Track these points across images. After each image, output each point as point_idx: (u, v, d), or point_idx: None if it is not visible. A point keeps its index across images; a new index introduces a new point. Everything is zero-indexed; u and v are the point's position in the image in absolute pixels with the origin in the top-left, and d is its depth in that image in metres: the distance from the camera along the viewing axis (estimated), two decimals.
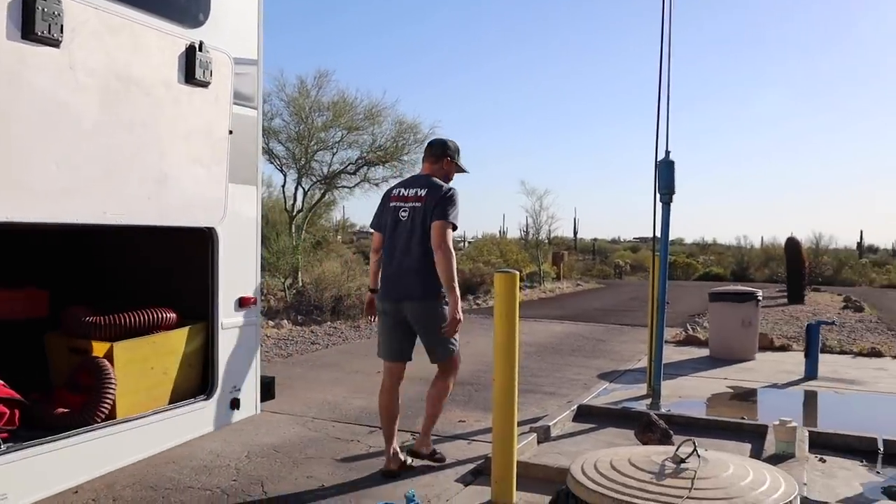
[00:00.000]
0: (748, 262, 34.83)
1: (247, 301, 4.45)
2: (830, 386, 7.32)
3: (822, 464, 4.63)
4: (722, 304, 9.05)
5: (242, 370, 4.44)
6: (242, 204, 4.52)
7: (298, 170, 16.84)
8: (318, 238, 20.12)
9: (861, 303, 17.04)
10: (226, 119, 4.13)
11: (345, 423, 5.62)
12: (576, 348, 9.98)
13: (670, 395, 6.67)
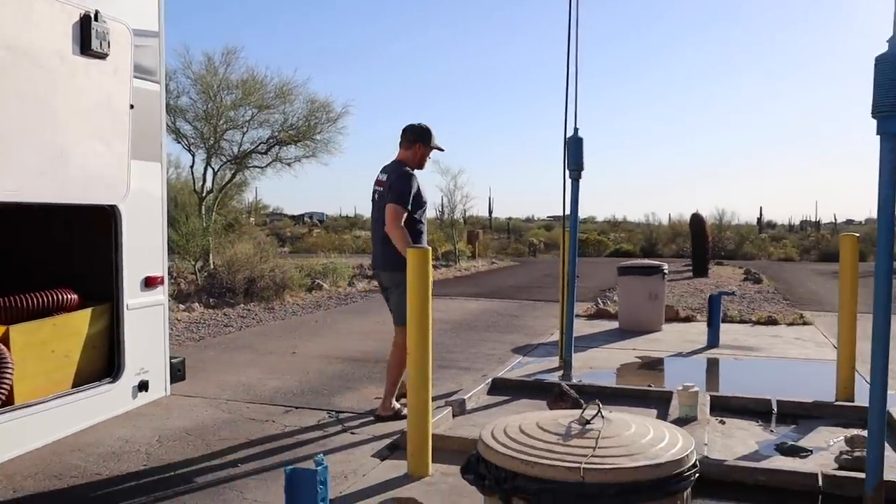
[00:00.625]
0: (656, 238, 36.06)
1: (153, 280, 4.34)
2: (730, 353, 7.71)
3: (722, 425, 4.89)
4: (630, 278, 9.36)
5: (150, 351, 4.34)
6: (146, 181, 4.39)
7: (207, 150, 16.38)
8: (230, 220, 19.66)
9: (760, 275, 17.96)
10: (126, 93, 3.99)
11: (259, 404, 5.57)
12: (490, 324, 10.15)
13: (581, 366, 6.89)
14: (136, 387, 4.28)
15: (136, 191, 4.17)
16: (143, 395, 4.32)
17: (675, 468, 2.23)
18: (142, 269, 4.28)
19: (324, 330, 9.53)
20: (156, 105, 4.51)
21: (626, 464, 2.17)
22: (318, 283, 14.72)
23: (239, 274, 12.52)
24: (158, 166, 4.57)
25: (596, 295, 13.78)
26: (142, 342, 4.24)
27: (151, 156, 4.48)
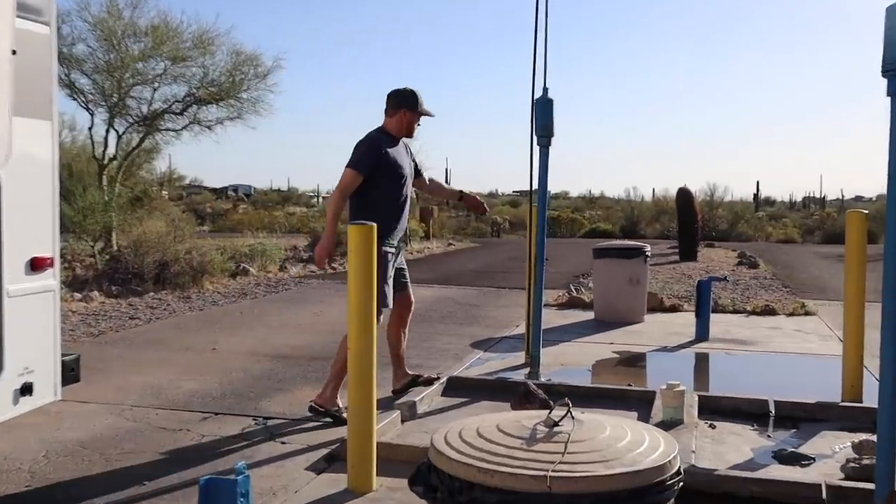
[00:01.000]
0: (638, 216, 36.52)
1: (41, 262, 4.22)
2: (722, 347, 7.85)
3: (712, 430, 4.97)
4: (607, 262, 9.45)
5: (36, 347, 4.22)
6: (33, 143, 4.26)
7: (110, 108, 16.03)
8: (138, 193, 19.30)
9: (756, 259, 18.32)
10: (7, 35, 3.85)
11: (171, 410, 5.49)
12: (446, 315, 10.16)
13: (551, 362, 6.94)
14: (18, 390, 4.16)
15: (20, 155, 4.03)
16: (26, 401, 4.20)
17: (656, 476, 2.24)
18: (26, 248, 4.16)
19: (250, 322, 9.43)
20: (45, 51, 4.36)
21: (599, 471, 2.18)
22: (244, 267, 14.57)
23: (148, 257, 12.31)
24: (48, 126, 4.43)
25: (568, 281, 13.90)
26: (26, 336, 4.12)
27: (39, 112, 4.34)
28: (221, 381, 6.37)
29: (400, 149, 5.45)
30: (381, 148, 5.29)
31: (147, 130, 16.89)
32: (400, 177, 5.37)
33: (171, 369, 6.79)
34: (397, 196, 5.37)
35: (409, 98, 5.42)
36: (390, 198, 5.34)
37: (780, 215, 41.52)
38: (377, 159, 5.25)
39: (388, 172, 5.30)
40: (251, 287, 12.95)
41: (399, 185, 5.37)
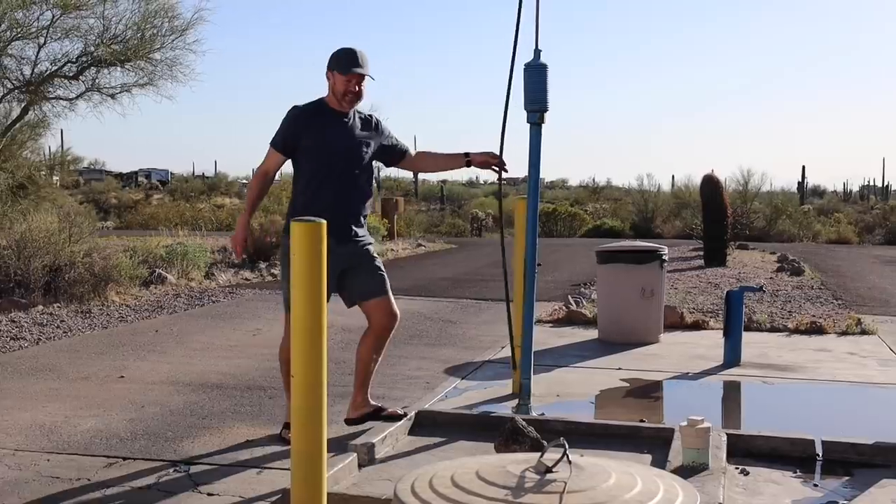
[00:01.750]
0: (653, 211, 36.76)
1: None
2: (757, 374, 7.93)
3: (744, 476, 5.02)
4: (614, 268, 9.50)
5: None
6: None
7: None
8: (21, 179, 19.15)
9: (800, 264, 18.48)
10: None
11: (67, 455, 5.47)
12: (415, 334, 10.19)
13: (545, 393, 6.99)
14: None
15: None
16: None
17: None
18: None
19: (168, 343, 9.40)
20: None
21: None
22: (160, 273, 14.51)
23: (35, 260, 12.23)
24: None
25: (566, 291, 13.97)
26: None
27: None
28: (131, 418, 6.35)
29: (338, 122, 5.58)
30: (300, 120, 5.55)
31: (31, 99, 16.75)
32: (327, 155, 5.52)
33: (67, 403, 6.75)
34: (322, 180, 5.52)
35: (336, 59, 5.56)
36: (313, 182, 5.55)
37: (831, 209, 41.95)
38: (295, 134, 5.55)
39: (311, 151, 5.54)
40: (169, 299, 12.90)
41: (324, 166, 5.51)
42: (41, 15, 16.08)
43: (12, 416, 6.37)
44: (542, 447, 4.93)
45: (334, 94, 5.57)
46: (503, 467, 2.58)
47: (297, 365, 3.93)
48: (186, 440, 5.82)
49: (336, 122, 5.56)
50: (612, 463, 2.68)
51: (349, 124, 5.62)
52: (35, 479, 5.05)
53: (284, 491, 4.40)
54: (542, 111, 6.25)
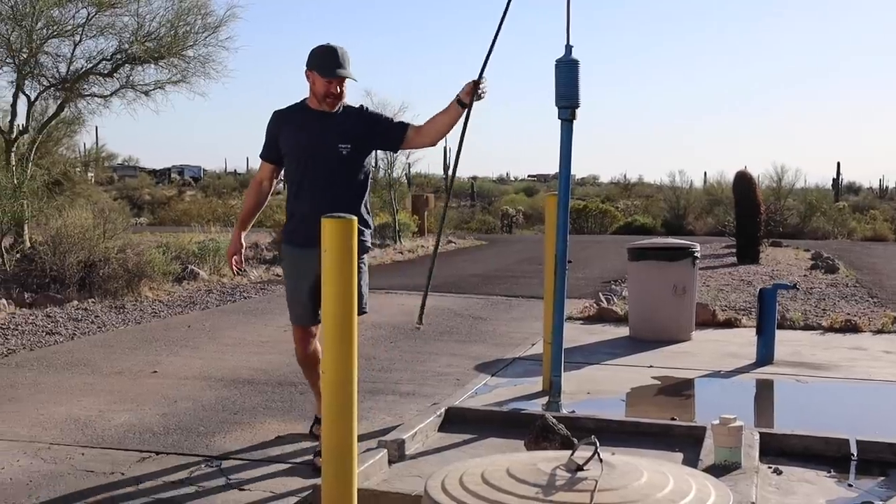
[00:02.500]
0: (685, 207, 36.62)
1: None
2: (790, 373, 7.88)
3: (777, 476, 4.99)
4: (646, 265, 9.47)
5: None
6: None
7: (18, 67, 16.03)
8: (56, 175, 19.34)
9: (835, 261, 18.35)
10: None
11: (101, 449, 5.52)
12: (445, 330, 10.20)
13: (576, 390, 6.97)
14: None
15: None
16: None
17: None
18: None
19: (200, 339, 9.46)
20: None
21: None
22: (192, 269, 14.60)
23: (70, 256, 12.34)
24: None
25: (597, 289, 13.94)
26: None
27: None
28: (164, 413, 6.39)
29: (317, 121, 5.27)
30: (278, 123, 5.38)
31: (67, 96, 16.88)
32: (304, 157, 5.27)
33: (101, 398, 6.80)
34: (301, 182, 5.30)
35: (315, 57, 5.28)
36: (293, 187, 5.37)
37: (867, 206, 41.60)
38: (274, 138, 5.39)
39: (289, 154, 5.36)
40: (201, 295, 12.98)
41: (302, 169, 5.28)
42: (77, 13, 16.21)
43: (48, 409, 6.43)
44: (573, 445, 4.92)
45: (314, 95, 5.30)
46: (534, 465, 2.57)
47: (327, 362, 3.94)
48: (218, 435, 5.85)
49: (314, 121, 5.27)
50: (643, 461, 2.67)
51: (329, 122, 5.27)
52: (70, 472, 5.10)
53: (315, 486, 4.42)
54: (574, 108, 6.23)
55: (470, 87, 5.24)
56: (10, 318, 10.41)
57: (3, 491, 4.79)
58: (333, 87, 5.22)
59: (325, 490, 3.98)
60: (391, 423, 5.98)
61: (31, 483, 4.91)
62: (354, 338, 3.95)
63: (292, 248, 5.37)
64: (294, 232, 5.34)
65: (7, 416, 6.16)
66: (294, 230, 5.34)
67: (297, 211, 5.30)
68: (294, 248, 5.34)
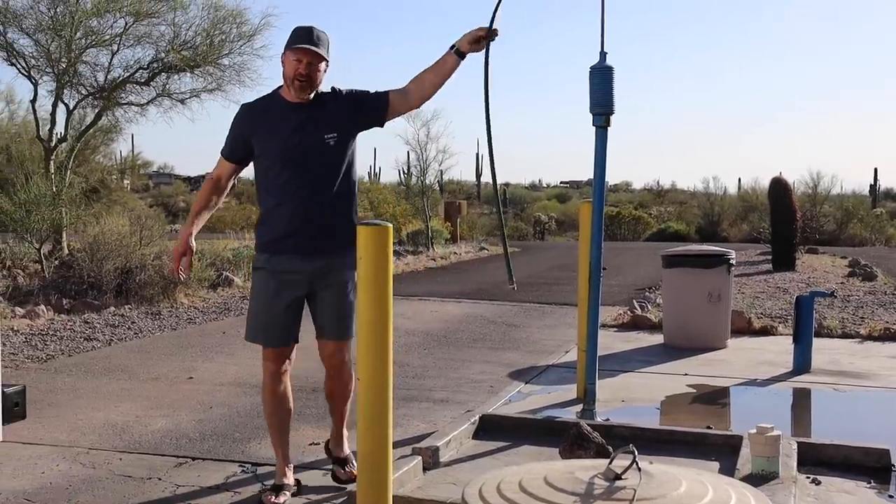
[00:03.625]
0: (720, 214, 36.42)
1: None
2: (828, 381, 7.79)
3: (816, 486, 4.93)
4: (681, 272, 9.42)
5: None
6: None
7: (57, 76, 16.24)
8: (94, 183, 19.56)
9: (873, 268, 18.14)
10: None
11: (138, 454, 5.55)
12: (478, 337, 10.19)
13: (610, 398, 6.94)
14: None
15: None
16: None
17: None
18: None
19: (235, 345, 9.49)
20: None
21: None
22: (227, 276, 14.68)
23: (107, 262, 12.45)
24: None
25: (631, 296, 13.88)
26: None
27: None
28: (200, 419, 6.43)
29: (292, 114, 4.67)
30: (246, 119, 4.76)
31: (104, 104, 17.08)
32: (281, 156, 4.65)
33: (138, 403, 6.85)
34: (279, 185, 4.67)
35: (288, 39, 4.64)
36: (264, 189, 4.76)
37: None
38: (241, 135, 4.74)
39: (265, 154, 4.69)
40: (236, 301, 13.04)
41: (280, 169, 4.66)
42: (114, 23, 16.43)
43: (86, 415, 6.48)
44: (608, 453, 4.91)
45: (285, 80, 4.65)
46: (571, 473, 2.56)
47: (362, 368, 3.94)
48: (253, 441, 5.87)
49: (289, 114, 4.65)
50: (681, 470, 2.65)
51: (309, 112, 4.67)
52: (108, 477, 5.14)
53: (350, 493, 4.43)
54: (608, 114, 6.20)
55: (477, 34, 4.66)
56: (49, 323, 10.52)
57: (44, 495, 4.83)
58: (302, 66, 4.56)
59: (360, 496, 3.98)
60: (425, 430, 5.97)
61: (70, 487, 4.95)
62: (389, 344, 3.96)
63: (276, 259, 4.71)
64: (280, 241, 4.68)
65: (47, 421, 6.21)
66: (279, 238, 4.68)
67: (282, 216, 4.66)
68: (280, 258, 4.70)
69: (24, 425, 5.97)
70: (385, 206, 25.96)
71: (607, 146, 6.28)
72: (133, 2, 16.22)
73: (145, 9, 16.35)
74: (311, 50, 4.53)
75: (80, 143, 17.57)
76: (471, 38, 4.66)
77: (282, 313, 4.76)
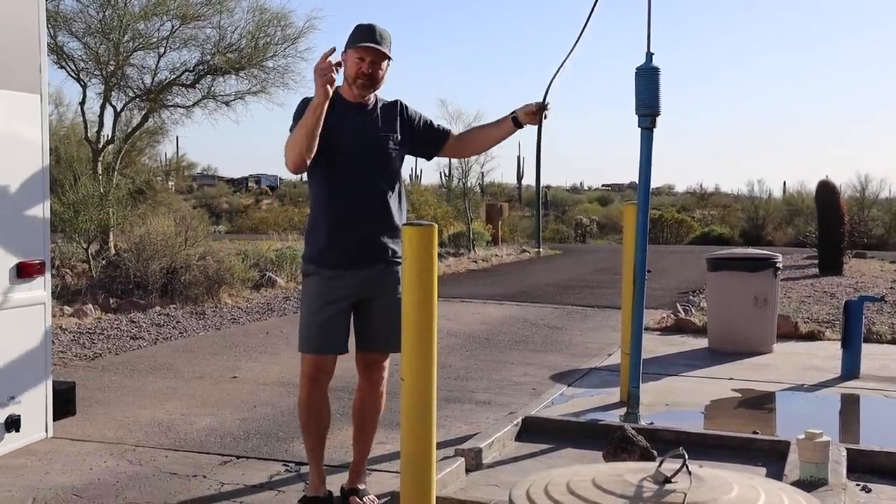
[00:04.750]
0: (764, 218, 36.07)
1: (30, 269, 4.35)
2: (877, 388, 7.69)
3: (866, 493, 4.86)
4: (726, 275, 9.34)
5: (23, 372, 4.35)
6: (17, 121, 4.39)
7: (105, 79, 16.41)
8: (140, 184, 19.74)
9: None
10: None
11: (184, 452, 5.59)
12: (520, 339, 10.16)
13: (654, 402, 6.89)
14: (3, 424, 4.30)
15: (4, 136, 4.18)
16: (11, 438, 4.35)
17: None
18: (12, 251, 4.29)
19: (278, 345, 9.54)
20: (31, 8, 4.50)
21: None
22: (270, 276, 14.76)
23: (153, 263, 12.56)
24: (37, 100, 4.57)
25: (674, 299, 13.79)
26: (12, 359, 4.25)
27: (25, 84, 4.48)
28: (244, 418, 6.46)
29: (355, 115, 4.53)
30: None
31: (151, 106, 17.23)
32: (344, 157, 4.47)
33: (183, 402, 6.90)
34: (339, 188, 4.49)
35: (350, 36, 4.49)
36: (323, 189, 4.54)
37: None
38: None
39: (333, 152, 4.44)
40: (278, 302, 13.11)
41: (342, 171, 4.46)
42: (161, 26, 16.55)
43: (133, 412, 6.54)
44: (652, 457, 4.87)
45: (347, 79, 4.49)
46: (620, 476, 2.54)
47: (406, 370, 3.94)
48: (296, 440, 5.87)
49: (352, 115, 4.50)
50: (732, 474, 2.61)
51: (369, 118, 4.55)
52: (154, 474, 5.17)
53: (394, 494, 4.42)
54: (654, 116, 6.15)
55: (534, 109, 4.65)
56: (96, 322, 10.63)
57: (92, 491, 4.87)
58: (365, 64, 4.43)
59: (403, 497, 3.97)
60: (467, 432, 5.96)
61: (117, 484, 4.99)
62: (434, 345, 3.95)
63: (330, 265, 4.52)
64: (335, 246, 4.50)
65: (95, 418, 6.27)
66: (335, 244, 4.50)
67: (339, 220, 4.50)
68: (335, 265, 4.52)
69: (73, 422, 6.03)
70: (426, 208, 25.96)
71: (653, 148, 6.24)
72: (180, 5, 16.36)
73: (192, 12, 16.47)
74: (375, 48, 4.41)
75: (127, 144, 17.73)
76: (528, 111, 4.66)
77: (333, 321, 4.58)
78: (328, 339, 4.62)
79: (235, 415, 6.54)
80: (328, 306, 4.54)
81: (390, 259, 4.56)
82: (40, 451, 5.27)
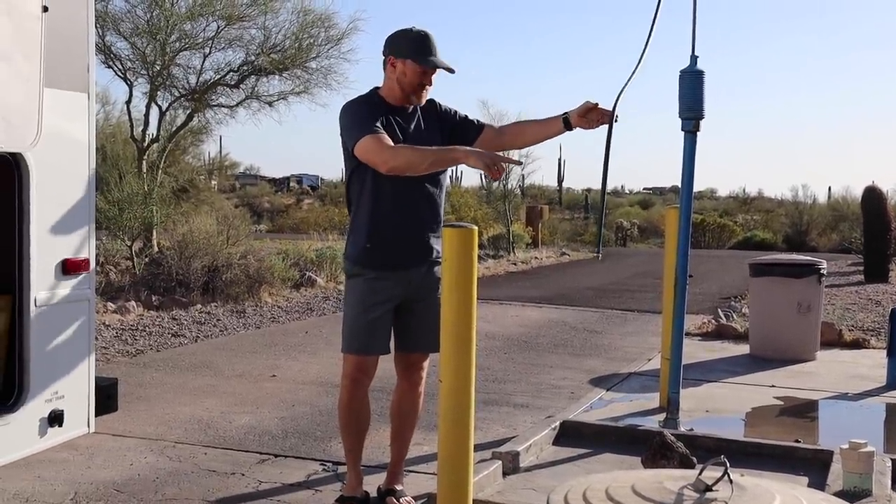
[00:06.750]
0: (809, 223, 35.65)
1: (75, 265, 4.39)
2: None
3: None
4: (769, 281, 9.25)
5: (67, 368, 4.39)
6: (67, 120, 4.44)
7: (151, 79, 16.55)
8: (183, 182, 19.91)
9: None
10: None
11: (223, 450, 5.62)
12: (559, 343, 10.12)
13: (693, 408, 6.83)
14: (46, 419, 4.34)
15: (52, 134, 4.21)
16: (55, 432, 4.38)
17: None
18: (58, 247, 4.33)
19: (317, 344, 9.57)
20: (81, 8, 4.54)
21: None
22: (310, 276, 14.81)
23: (195, 261, 12.64)
24: (84, 99, 4.61)
25: (715, 304, 13.67)
26: (55, 353, 4.29)
27: (75, 83, 4.53)
28: (283, 417, 6.49)
29: (404, 118, 4.54)
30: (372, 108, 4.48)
31: (195, 106, 17.36)
32: None
33: (223, 400, 6.95)
34: (379, 189, 4.44)
35: (405, 42, 4.48)
36: (369, 192, 4.47)
37: None
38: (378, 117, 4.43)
39: None
40: (318, 301, 13.16)
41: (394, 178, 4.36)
42: (207, 26, 16.65)
43: (173, 409, 6.59)
44: (692, 464, 4.83)
45: (401, 86, 4.47)
46: (659, 483, 2.51)
47: (445, 371, 3.94)
48: (334, 440, 5.89)
49: (398, 117, 4.49)
50: (774, 484, 2.58)
51: (413, 119, 4.56)
52: (193, 470, 5.21)
53: (430, 495, 4.41)
54: (698, 119, 6.11)
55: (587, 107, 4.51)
56: (138, 319, 10.72)
57: (132, 486, 4.92)
58: (429, 77, 4.50)
59: (440, 499, 3.98)
60: (505, 435, 5.96)
61: (157, 480, 5.03)
62: (473, 347, 3.94)
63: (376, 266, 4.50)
64: (381, 247, 4.48)
65: (136, 414, 6.33)
66: (381, 245, 4.48)
67: (386, 222, 4.47)
68: (381, 266, 4.50)
69: (114, 418, 6.07)
70: (467, 209, 25.97)
71: (696, 151, 6.20)
72: (225, 5, 16.46)
73: (237, 12, 16.58)
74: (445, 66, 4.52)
75: (171, 143, 17.88)
76: (582, 110, 4.53)
77: (377, 323, 4.57)
78: (372, 341, 4.61)
79: (274, 413, 6.57)
80: (373, 308, 4.53)
81: (434, 259, 4.55)
82: (82, 445, 5.33)
